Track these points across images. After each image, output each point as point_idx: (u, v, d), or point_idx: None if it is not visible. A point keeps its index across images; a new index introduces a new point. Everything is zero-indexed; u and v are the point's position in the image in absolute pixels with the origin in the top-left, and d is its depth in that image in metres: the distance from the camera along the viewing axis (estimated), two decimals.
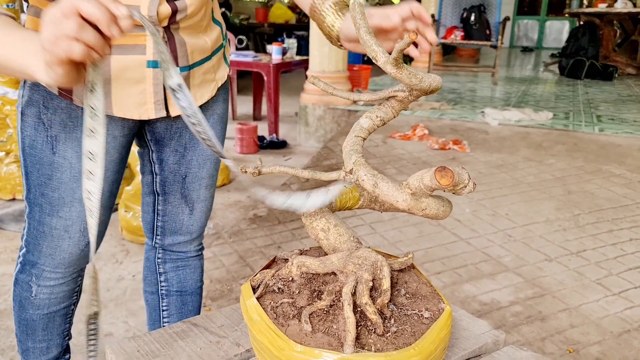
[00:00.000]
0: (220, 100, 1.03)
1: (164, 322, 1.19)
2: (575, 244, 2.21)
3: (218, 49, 0.98)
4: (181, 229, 1.09)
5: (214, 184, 1.09)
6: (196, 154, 1.02)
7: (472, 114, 3.92)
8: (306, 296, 0.67)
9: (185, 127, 0.98)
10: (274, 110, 4.07)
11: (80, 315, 1.76)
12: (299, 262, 0.69)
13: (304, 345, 0.60)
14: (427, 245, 2.22)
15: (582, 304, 1.81)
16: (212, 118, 1.02)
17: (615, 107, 4.36)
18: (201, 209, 1.08)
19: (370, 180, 0.66)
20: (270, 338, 0.62)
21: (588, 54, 6.35)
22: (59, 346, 1.16)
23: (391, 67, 0.64)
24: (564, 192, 2.67)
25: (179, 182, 1.03)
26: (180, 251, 1.14)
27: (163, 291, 1.17)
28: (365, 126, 0.75)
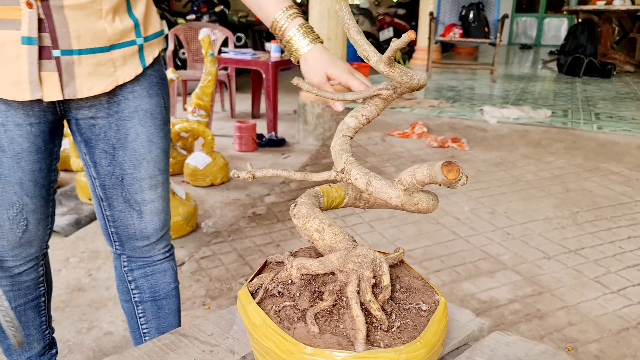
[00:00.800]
0: (144, 95, 0.97)
1: (143, 329, 1.17)
2: (573, 241, 2.21)
3: (124, 44, 0.92)
4: (135, 234, 1.05)
5: (161, 184, 1.04)
6: (127, 154, 0.98)
7: (471, 111, 3.92)
8: (307, 298, 0.67)
9: (109, 127, 0.96)
10: (272, 108, 4.06)
11: (78, 314, 1.76)
12: (298, 264, 0.69)
13: (313, 347, 0.60)
14: (426, 243, 2.22)
15: (581, 301, 1.82)
16: (137, 115, 0.97)
17: (614, 105, 4.37)
18: (151, 211, 1.03)
19: (363, 179, 0.67)
20: (277, 342, 0.61)
21: (586, 51, 6.35)
22: (41, 340, 1.15)
23: (384, 66, 0.65)
24: (563, 190, 2.68)
25: (118, 185, 1.00)
26: (144, 257, 1.10)
27: (136, 299, 1.14)
28: (351, 125, 0.76)
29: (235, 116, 4.82)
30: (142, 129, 0.98)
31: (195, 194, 2.81)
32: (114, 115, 0.95)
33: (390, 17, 8.41)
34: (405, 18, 8.87)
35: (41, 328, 1.15)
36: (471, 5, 5.61)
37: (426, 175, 0.64)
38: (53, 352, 1.21)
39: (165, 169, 1.05)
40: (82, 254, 2.17)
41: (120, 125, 0.96)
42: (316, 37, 0.83)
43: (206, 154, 2.93)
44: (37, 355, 1.16)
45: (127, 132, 0.97)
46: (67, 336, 1.66)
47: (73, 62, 0.87)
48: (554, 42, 10.99)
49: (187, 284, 1.95)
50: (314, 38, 0.83)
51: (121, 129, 0.96)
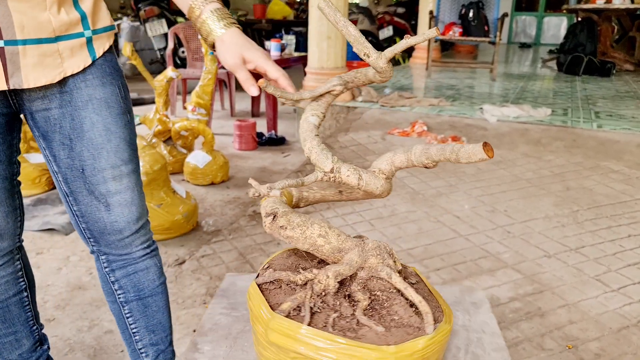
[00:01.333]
0: (97, 84, 0.97)
1: (132, 329, 1.15)
2: (574, 240, 2.21)
3: (71, 36, 0.92)
4: (106, 228, 1.04)
5: (126, 175, 1.02)
6: (85, 144, 0.97)
7: (471, 110, 3.91)
8: (346, 304, 0.67)
9: (63, 118, 0.95)
10: (272, 107, 4.05)
11: (79, 312, 1.76)
12: (335, 273, 0.69)
13: (395, 345, 0.60)
14: (426, 241, 2.22)
15: (581, 300, 1.82)
16: (91, 104, 0.96)
17: (614, 104, 4.37)
18: (118, 203, 1.02)
19: (354, 175, 0.71)
20: (359, 355, 0.60)
21: (586, 50, 6.35)
22: (30, 337, 1.14)
23: (383, 62, 0.66)
24: (563, 188, 2.68)
25: (79, 177, 0.99)
26: (122, 254, 1.08)
27: (121, 299, 1.12)
28: (316, 124, 0.78)
29: (235, 115, 4.81)
30: (98, 118, 0.97)
31: (196, 192, 2.81)
32: (67, 106, 0.95)
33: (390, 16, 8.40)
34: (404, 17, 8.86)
35: (28, 324, 1.13)
36: (471, 4, 5.61)
37: (404, 160, 0.70)
38: (45, 348, 1.20)
39: (131, 160, 1.03)
40: (82, 252, 2.16)
41: (75, 115, 0.96)
42: (232, 22, 0.86)
43: (206, 152, 2.92)
44: (28, 352, 1.14)
45: (82, 121, 0.96)
46: (68, 334, 1.66)
47: (17, 53, 0.86)
48: (553, 41, 10.98)
49: (188, 282, 1.94)
50: (229, 22, 0.86)
51: (76, 119, 0.96)
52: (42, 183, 2.74)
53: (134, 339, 1.16)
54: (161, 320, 1.16)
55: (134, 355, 1.18)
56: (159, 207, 2.24)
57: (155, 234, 2.24)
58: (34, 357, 1.17)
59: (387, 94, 4.29)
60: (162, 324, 1.16)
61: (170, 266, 2.06)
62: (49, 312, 1.77)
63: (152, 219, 2.22)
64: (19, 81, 0.88)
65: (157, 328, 1.16)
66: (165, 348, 1.18)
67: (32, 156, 2.78)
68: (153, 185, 2.26)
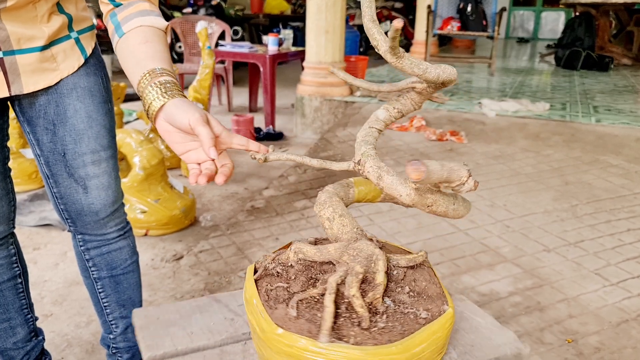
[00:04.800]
0: (82, 73, 1.01)
1: (103, 303, 1.22)
2: (573, 234, 2.21)
3: (62, 40, 0.97)
4: (83, 209, 1.09)
5: (105, 160, 1.07)
6: (67, 129, 1.02)
7: (469, 104, 3.90)
8: (301, 283, 0.67)
9: (48, 104, 0.99)
10: (270, 102, 4.04)
11: (77, 308, 1.75)
12: (296, 248, 0.69)
13: (284, 329, 0.60)
14: (426, 236, 2.22)
15: (581, 294, 1.82)
16: (76, 92, 1.00)
17: (612, 98, 4.36)
18: (96, 186, 1.07)
19: (374, 173, 0.65)
20: (257, 319, 0.63)
21: (584, 44, 6.34)
22: (24, 325, 1.16)
23: (391, 56, 0.62)
24: (562, 182, 2.67)
25: (60, 160, 1.04)
26: (97, 234, 1.13)
27: (94, 275, 1.19)
28: (381, 117, 0.74)
29: (233, 110, 4.79)
30: (81, 105, 1.02)
31: (193, 187, 2.79)
32: (53, 93, 0.99)
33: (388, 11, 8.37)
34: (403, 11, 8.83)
35: (22, 312, 1.16)
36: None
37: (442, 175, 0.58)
38: (40, 339, 1.22)
39: (109, 146, 1.09)
40: None
41: (59, 102, 1.00)
42: (181, 95, 0.73)
43: None
44: (22, 342, 1.17)
45: (66, 108, 1.01)
46: (66, 330, 1.65)
47: (16, 62, 0.92)
48: (551, 36, 10.96)
49: (186, 278, 1.93)
50: (177, 94, 0.72)
51: (60, 106, 1.00)
52: (39, 178, 2.72)
53: (105, 312, 1.23)
54: (131, 296, 1.23)
55: (105, 326, 1.26)
56: (156, 202, 2.23)
57: (153, 229, 2.23)
58: (28, 347, 1.18)
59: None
60: (132, 299, 1.23)
61: (168, 261, 2.05)
62: (47, 307, 1.76)
63: (150, 214, 2.21)
64: (19, 87, 0.94)
65: (127, 303, 1.22)
66: None
67: (29, 151, 2.76)
68: (150, 180, 2.24)
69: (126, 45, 0.81)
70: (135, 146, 2.26)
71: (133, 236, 1.23)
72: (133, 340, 1.28)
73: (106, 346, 1.30)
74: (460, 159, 3.01)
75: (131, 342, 1.27)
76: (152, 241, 2.20)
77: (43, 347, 1.25)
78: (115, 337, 1.26)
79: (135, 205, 2.21)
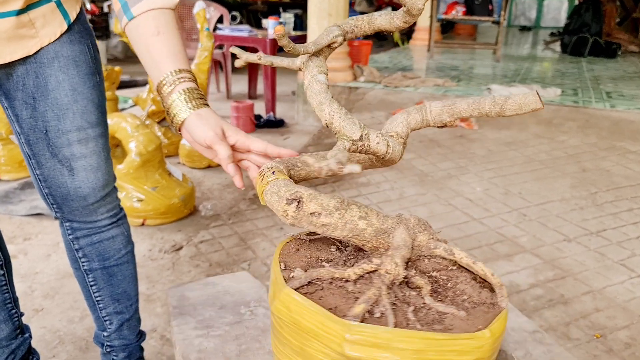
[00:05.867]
0: (65, 41, 0.90)
1: (95, 297, 1.11)
2: (594, 223, 2.10)
3: (41, 3, 0.86)
4: (69, 194, 0.99)
5: (93, 138, 0.97)
6: (49, 104, 0.91)
7: (477, 90, 3.78)
8: (408, 291, 0.59)
9: (27, 75, 0.89)
10: (270, 88, 3.90)
11: (69, 301, 1.63)
12: (403, 258, 0.59)
13: (486, 328, 0.53)
14: (438, 225, 2.10)
15: (607, 286, 1.71)
16: (58, 61, 0.90)
17: (624, 84, 4.24)
18: (83, 168, 0.97)
19: (383, 142, 0.62)
20: (459, 347, 0.52)
21: (591, 30, 6.20)
22: (8, 321, 1.06)
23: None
24: (579, 169, 2.56)
25: (42, 138, 0.94)
26: (87, 221, 1.04)
27: (85, 267, 1.09)
28: (327, 83, 0.66)
29: (232, 97, 4.65)
30: (64, 77, 0.91)
31: (192, 175, 2.67)
32: (31, 62, 0.88)
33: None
34: None
35: (6, 307, 1.05)
36: None
37: (419, 121, 0.64)
38: (26, 336, 1.10)
39: (98, 123, 0.98)
40: None
41: (39, 72, 0.89)
42: (205, 103, 0.75)
43: None
44: (6, 340, 1.06)
45: (47, 79, 0.90)
46: (58, 325, 1.53)
47: None
48: (553, 24, 10.80)
49: (186, 270, 1.82)
50: (202, 103, 0.74)
51: (40, 77, 0.89)
52: None
53: (97, 307, 1.13)
54: (126, 289, 1.13)
55: (98, 322, 1.16)
56: (154, 190, 2.11)
57: (151, 218, 2.11)
58: (13, 345, 1.06)
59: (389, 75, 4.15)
60: (127, 293, 1.13)
61: (167, 252, 1.93)
62: (37, 301, 1.65)
63: (147, 202, 2.09)
64: None
65: (121, 297, 1.12)
66: (130, 317, 1.16)
67: None
68: (147, 167, 2.12)
69: (138, 35, 0.78)
70: (131, 131, 2.13)
71: (127, 224, 1.12)
72: (129, 338, 1.17)
73: (100, 344, 1.18)
74: (471, 145, 2.89)
75: (127, 339, 1.17)
76: (150, 231, 2.09)
77: (30, 345, 1.13)
78: (109, 334, 1.15)
79: (131, 194, 2.09)
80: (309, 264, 0.62)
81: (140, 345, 1.21)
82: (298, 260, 0.63)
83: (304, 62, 0.65)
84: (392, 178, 2.53)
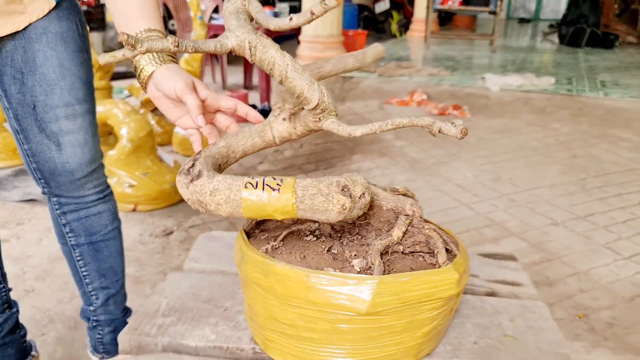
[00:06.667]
0: (53, 17, 0.91)
1: (82, 272, 1.13)
2: (582, 207, 2.11)
3: None
4: (56, 168, 1.00)
5: (80, 114, 0.98)
6: (37, 79, 0.92)
7: (472, 79, 3.78)
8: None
9: (15, 50, 0.90)
10: (265, 77, 3.91)
11: (60, 283, 1.66)
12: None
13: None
14: (426, 210, 2.12)
15: (592, 268, 1.73)
16: (46, 37, 0.91)
17: (619, 73, 4.24)
18: (70, 143, 0.98)
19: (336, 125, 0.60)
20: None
21: (589, 21, 6.19)
22: None
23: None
24: (569, 156, 2.57)
25: (30, 113, 0.95)
26: (74, 196, 1.05)
27: (72, 242, 1.10)
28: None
29: (227, 88, 4.66)
30: (52, 52, 0.92)
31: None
32: (20, 38, 0.90)
33: None
34: None
35: None
36: None
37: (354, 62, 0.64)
38: (14, 311, 1.12)
39: (86, 99, 0.99)
40: None
41: (28, 47, 0.90)
42: (173, 61, 0.74)
43: None
44: None
45: (35, 54, 0.91)
46: (48, 305, 1.55)
47: None
48: (553, 16, 10.77)
49: (176, 253, 1.84)
50: (170, 60, 0.73)
51: (28, 52, 0.91)
52: None
53: (84, 282, 1.14)
54: (112, 265, 1.15)
55: (85, 297, 1.18)
56: (145, 175, 2.12)
57: (142, 204, 2.13)
58: (1, 319, 1.08)
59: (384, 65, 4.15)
60: (114, 269, 1.15)
61: (157, 237, 1.95)
62: (29, 283, 1.67)
63: (138, 188, 2.11)
64: None
65: (108, 272, 1.14)
66: (116, 292, 1.17)
67: None
68: (139, 153, 2.13)
69: None
70: (123, 117, 2.14)
71: (114, 200, 1.14)
72: (115, 313, 1.19)
73: (86, 319, 1.20)
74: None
75: (113, 314, 1.18)
76: (141, 217, 2.10)
77: (17, 319, 1.15)
78: (95, 309, 1.17)
79: (123, 179, 2.10)
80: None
81: (126, 320, 1.23)
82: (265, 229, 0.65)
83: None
84: (383, 165, 2.54)
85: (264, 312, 0.57)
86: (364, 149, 2.73)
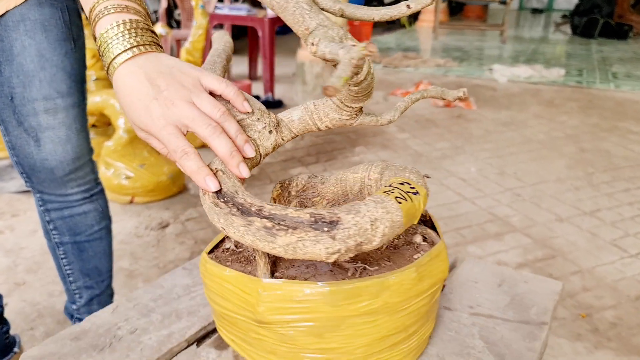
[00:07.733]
0: (33, 3, 0.85)
1: (66, 270, 1.10)
2: (588, 203, 2.05)
3: None
4: (35, 165, 0.95)
5: (63, 109, 0.92)
6: (14, 70, 0.87)
7: (479, 70, 3.70)
8: None
9: None
10: (269, 68, 3.86)
11: (51, 276, 1.64)
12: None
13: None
14: (428, 205, 2.07)
15: (596, 266, 1.67)
16: (24, 24, 0.85)
17: (632, 65, 4.13)
18: (50, 139, 0.93)
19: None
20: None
21: (602, 12, 6.04)
22: None
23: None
24: (577, 150, 2.50)
25: (8, 105, 0.90)
26: (56, 194, 1.00)
27: (56, 240, 1.07)
28: None
29: (231, 78, 4.62)
30: (31, 42, 0.86)
31: None
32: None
33: None
34: None
35: None
36: None
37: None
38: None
39: (70, 93, 0.92)
40: None
41: (4, 36, 0.85)
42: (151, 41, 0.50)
43: None
44: None
45: (12, 43, 0.86)
46: (38, 299, 1.54)
47: None
48: (566, 7, 10.53)
49: (171, 247, 1.81)
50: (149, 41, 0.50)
51: (5, 40, 0.86)
52: None
53: (68, 279, 1.11)
54: (97, 265, 1.11)
55: (69, 294, 1.15)
56: (142, 167, 2.09)
57: (139, 195, 2.10)
58: None
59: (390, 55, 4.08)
60: (99, 269, 1.11)
61: (153, 229, 1.93)
62: (20, 275, 1.65)
63: (135, 180, 2.08)
64: None
65: (92, 272, 1.11)
66: (101, 292, 1.14)
67: None
68: (135, 144, 2.10)
69: None
70: (119, 107, 2.11)
71: (104, 199, 1.08)
72: None
73: (69, 315, 1.18)
74: (468, 125, 2.83)
75: None
76: (138, 209, 2.08)
77: (2, 314, 1.13)
78: (78, 307, 1.14)
79: (119, 171, 2.08)
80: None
81: None
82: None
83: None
84: (385, 158, 2.49)
85: None
86: (366, 141, 2.68)
